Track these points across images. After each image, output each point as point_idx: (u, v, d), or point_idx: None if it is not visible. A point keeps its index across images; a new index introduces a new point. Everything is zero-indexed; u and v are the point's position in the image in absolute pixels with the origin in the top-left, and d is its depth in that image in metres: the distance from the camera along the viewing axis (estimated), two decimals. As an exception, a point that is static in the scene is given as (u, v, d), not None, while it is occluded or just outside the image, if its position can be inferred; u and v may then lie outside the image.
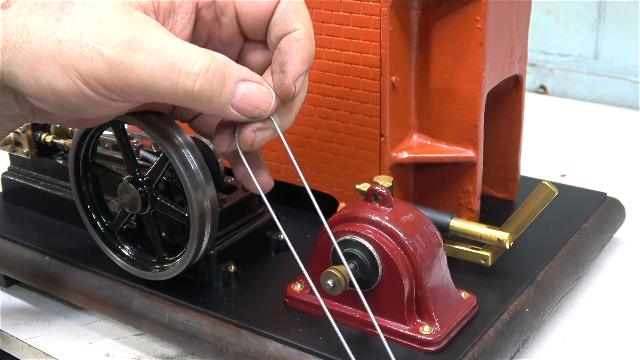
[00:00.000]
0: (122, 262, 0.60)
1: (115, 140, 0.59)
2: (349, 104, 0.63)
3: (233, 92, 0.45)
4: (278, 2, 0.47)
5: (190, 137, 0.55)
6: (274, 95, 0.46)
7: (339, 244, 0.53)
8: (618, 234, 0.73)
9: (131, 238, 0.61)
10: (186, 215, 0.55)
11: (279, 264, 0.63)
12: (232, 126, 0.49)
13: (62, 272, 0.63)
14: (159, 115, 0.54)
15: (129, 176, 0.57)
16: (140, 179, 0.57)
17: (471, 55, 0.60)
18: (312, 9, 0.62)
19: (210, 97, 0.44)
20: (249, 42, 0.51)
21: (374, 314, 0.53)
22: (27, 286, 0.69)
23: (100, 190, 0.61)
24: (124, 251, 0.61)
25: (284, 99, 0.47)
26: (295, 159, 0.64)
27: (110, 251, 0.61)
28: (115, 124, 0.57)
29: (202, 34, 0.49)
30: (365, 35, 0.60)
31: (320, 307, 0.55)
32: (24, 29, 0.43)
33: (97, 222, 0.61)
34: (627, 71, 1.14)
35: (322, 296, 0.55)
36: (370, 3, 0.59)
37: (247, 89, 0.45)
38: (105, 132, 0.62)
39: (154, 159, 0.60)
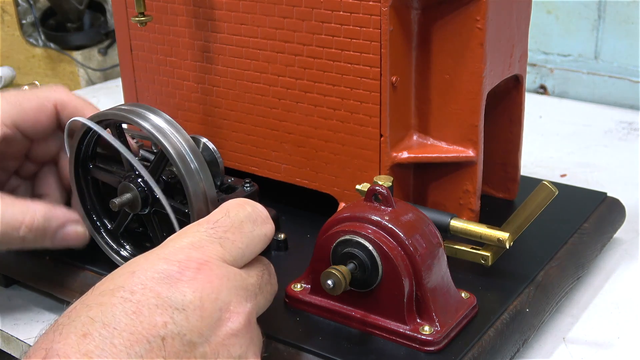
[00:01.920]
0: (123, 262, 0.60)
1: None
2: (349, 104, 0.63)
3: (54, 238, 0.59)
4: (55, 104, 0.60)
5: (191, 136, 0.55)
6: (85, 234, 0.60)
7: (339, 243, 0.53)
8: (618, 234, 0.73)
9: (132, 238, 0.61)
10: (187, 213, 0.55)
11: (279, 264, 0.62)
12: None
13: (62, 272, 0.63)
14: (159, 115, 0.54)
15: (129, 176, 0.57)
16: (139, 179, 0.57)
17: (471, 55, 0.60)
18: (312, 9, 0.62)
19: (35, 244, 0.58)
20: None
21: (374, 314, 0.53)
22: (27, 286, 0.69)
23: (100, 190, 0.61)
24: (124, 251, 0.61)
25: None
26: (295, 159, 0.64)
27: (110, 251, 0.61)
28: (113, 124, 0.57)
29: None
30: (365, 35, 0.60)
31: (320, 307, 0.55)
32: None
33: (98, 223, 0.61)
34: (627, 71, 1.14)
35: (322, 296, 0.55)
36: (370, 3, 0.59)
37: (65, 233, 0.59)
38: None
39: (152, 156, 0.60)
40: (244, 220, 0.47)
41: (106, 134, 0.56)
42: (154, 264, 0.43)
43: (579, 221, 0.68)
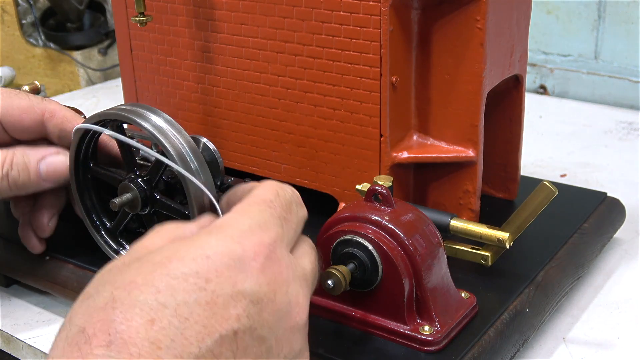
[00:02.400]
0: (122, 262, 0.60)
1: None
2: (349, 104, 0.63)
3: (38, 172, 0.58)
4: (43, 113, 0.59)
5: (191, 136, 0.55)
6: (67, 156, 0.59)
7: (339, 243, 0.53)
8: (618, 234, 0.73)
9: (132, 238, 0.61)
10: (187, 214, 0.55)
11: (279, 264, 0.63)
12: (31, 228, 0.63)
13: (62, 272, 0.63)
14: (160, 115, 0.54)
15: (128, 176, 0.57)
16: (139, 179, 0.57)
17: (471, 55, 0.60)
18: (312, 9, 0.62)
19: (23, 183, 0.58)
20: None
21: (374, 314, 0.53)
22: (27, 286, 0.69)
23: (100, 190, 0.61)
24: (124, 252, 0.61)
25: None
26: (295, 159, 0.64)
27: (111, 252, 0.61)
28: (114, 124, 0.57)
29: None
30: (365, 35, 0.60)
31: (320, 307, 0.55)
32: None
33: (98, 223, 0.61)
34: (627, 71, 1.14)
35: (322, 296, 0.55)
36: (370, 3, 0.59)
37: (47, 164, 0.59)
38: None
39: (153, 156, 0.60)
40: (290, 201, 0.45)
41: (115, 134, 0.56)
42: (229, 248, 0.40)
43: (579, 221, 0.68)
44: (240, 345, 0.38)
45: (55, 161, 0.59)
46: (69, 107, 0.63)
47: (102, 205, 0.62)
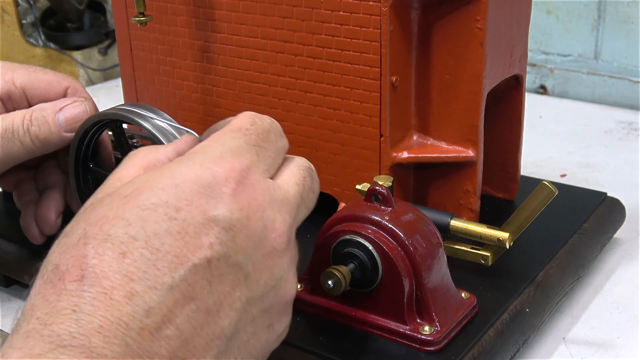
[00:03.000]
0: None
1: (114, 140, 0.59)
2: (349, 104, 0.63)
3: (57, 123, 0.57)
4: (67, 88, 0.61)
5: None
6: (85, 104, 0.59)
7: (339, 243, 0.53)
8: (618, 234, 0.73)
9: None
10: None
11: (279, 264, 0.63)
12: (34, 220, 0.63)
13: (62, 272, 0.63)
14: (159, 115, 0.54)
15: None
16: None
17: (471, 55, 0.60)
18: (312, 9, 0.62)
19: (45, 137, 0.57)
20: None
21: (374, 314, 0.53)
22: (27, 286, 0.69)
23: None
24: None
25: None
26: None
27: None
28: (114, 124, 0.57)
29: None
30: (365, 35, 0.60)
31: (321, 307, 0.55)
32: None
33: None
34: (627, 71, 1.14)
35: (322, 296, 0.55)
36: (370, 3, 0.59)
37: (65, 114, 0.58)
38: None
39: None
40: (268, 130, 0.45)
41: (128, 128, 0.56)
42: (198, 175, 0.39)
43: (579, 221, 0.68)
44: (215, 273, 0.37)
45: (72, 110, 0.58)
46: None
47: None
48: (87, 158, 0.60)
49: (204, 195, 0.38)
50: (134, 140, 0.63)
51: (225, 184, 0.39)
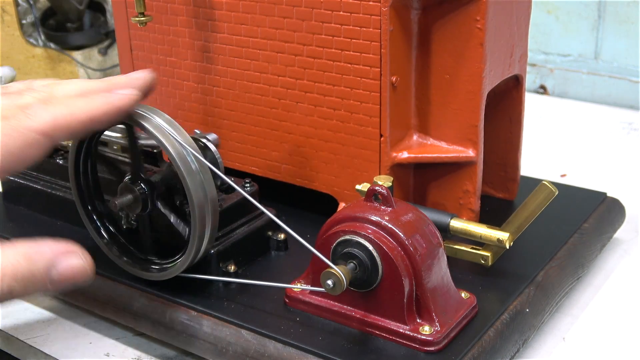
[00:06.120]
0: (123, 262, 0.60)
1: (114, 140, 0.59)
2: (349, 104, 0.63)
3: (47, 281, 0.43)
4: None
5: (191, 137, 0.55)
6: (84, 258, 0.44)
7: (339, 243, 0.53)
8: (618, 234, 0.73)
9: (132, 238, 0.61)
10: (187, 215, 0.55)
11: (279, 264, 0.63)
12: None
13: (62, 272, 0.63)
14: (159, 115, 0.54)
15: (129, 177, 0.57)
16: (139, 179, 0.57)
17: (471, 55, 0.60)
18: (312, 9, 0.62)
19: (29, 295, 0.46)
20: None
21: (374, 314, 0.53)
22: (27, 286, 0.69)
23: (100, 190, 0.61)
24: (124, 251, 0.61)
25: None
26: (295, 159, 0.64)
27: (110, 252, 0.61)
28: (127, 126, 0.56)
29: None
30: (365, 35, 0.60)
31: (320, 307, 0.55)
32: None
33: (97, 222, 0.61)
34: (627, 71, 1.14)
35: (322, 296, 0.55)
36: (370, 3, 0.59)
37: (61, 271, 0.43)
38: (107, 133, 0.62)
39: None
40: (29, 85, 0.47)
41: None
42: None
43: (579, 221, 0.68)
44: None
45: (70, 266, 0.44)
46: None
47: (102, 205, 0.62)
48: (87, 158, 0.60)
49: None
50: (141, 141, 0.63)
51: None
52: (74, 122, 0.46)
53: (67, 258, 0.44)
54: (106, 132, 0.62)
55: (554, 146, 0.98)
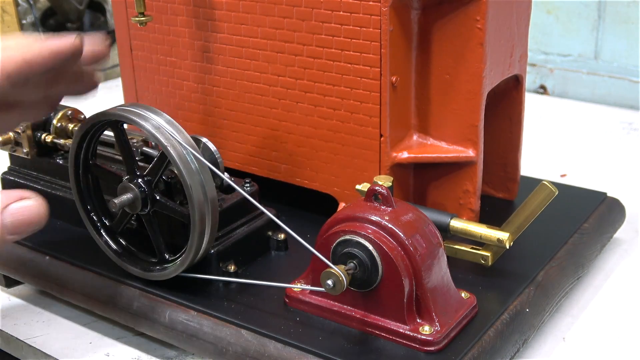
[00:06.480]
0: (122, 262, 0.60)
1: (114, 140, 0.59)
2: (349, 104, 0.63)
3: (1, 227, 0.44)
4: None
5: (191, 136, 0.55)
6: (39, 202, 0.45)
7: (339, 243, 0.53)
8: (618, 234, 0.73)
9: (132, 238, 0.61)
10: (186, 214, 0.55)
11: (279, 264, 0.63)
12: None
13: (62, 272, 0.63)
14: (160, 115, 0.54)
15: (128, 176, 0.57)
16: (139, 179, 0.57)
17: (471, 55, 0.60)
18: (312, 9, 0.62)
19: None
20: None
21: (374, 314, 0.53)
22: (27, 286, 0.69)
23: (100, 190, 0.61)
24: (124, 251, 0.61)
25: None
26: (295, 159, 0.64)
27: (110, 251, 0.61)
28: (115, 124, 0.57)
29: None
30: (365, 35, 0.60)
31: (320, 307, 0.55)
32: None
33: (97, 223, 0.61)
34: (627, 71, 1.14)
35: (322, 296, 0.55)
36: (370, 3, 0.59)
37: (13, 214, 0.44)
38: (106, 133, 0.62)
39: (155, 153, 0.60)
40: None
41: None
42: None
43: (579, 221, 0.68)
44: None
45: (21, 209, 0.45)
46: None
47: (101, 206, 0.62)
48: (87, 158, 0.60)
49: None
50: (134, 141, 0.63)
51: None
52: (9, 64, 0.45)
53: (19, 202, 0.45)
54: (106, 132, 0.62)
55: (554, 146, 0.98)
